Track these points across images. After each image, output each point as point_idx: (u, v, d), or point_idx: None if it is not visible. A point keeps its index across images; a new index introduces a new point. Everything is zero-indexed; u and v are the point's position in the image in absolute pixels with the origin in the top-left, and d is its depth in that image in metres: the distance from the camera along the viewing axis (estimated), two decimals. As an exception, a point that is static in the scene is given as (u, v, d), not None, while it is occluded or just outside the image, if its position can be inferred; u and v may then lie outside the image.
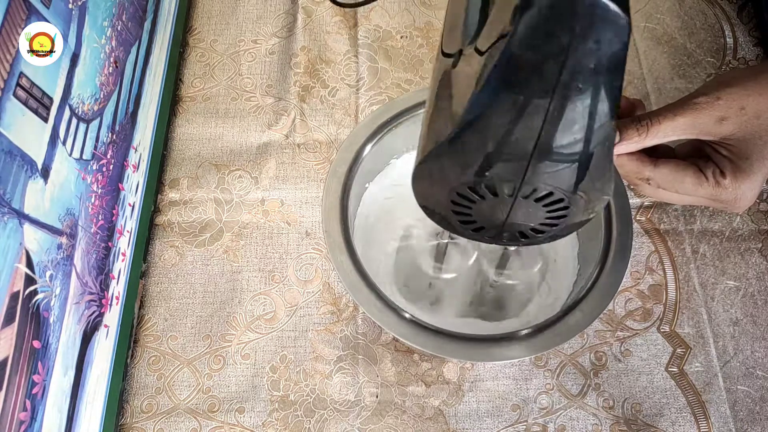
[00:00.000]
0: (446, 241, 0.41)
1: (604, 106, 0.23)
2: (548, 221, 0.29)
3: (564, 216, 0.29)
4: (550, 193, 0.27)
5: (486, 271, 0.45)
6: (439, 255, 0.42)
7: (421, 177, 0.29)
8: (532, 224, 0.30)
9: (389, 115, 0.43)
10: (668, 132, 0.36)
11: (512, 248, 0.41)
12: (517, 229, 0.30)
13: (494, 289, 0.45)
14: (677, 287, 0.48)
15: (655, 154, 0.38)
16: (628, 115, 0.39)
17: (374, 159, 0.44)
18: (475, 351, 0.37)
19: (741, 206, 0.38)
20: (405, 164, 0.48)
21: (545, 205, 0.28)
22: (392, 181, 0.47)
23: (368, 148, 0.43)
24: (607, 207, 0.41)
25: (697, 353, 0.46)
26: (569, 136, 0.24)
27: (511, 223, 0.30)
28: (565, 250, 0.46)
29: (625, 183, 0.41)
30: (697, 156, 0.39)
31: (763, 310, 0.47)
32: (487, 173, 0.26)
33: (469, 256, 0.44)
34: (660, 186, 0.38)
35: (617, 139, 0.36)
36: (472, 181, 0.27)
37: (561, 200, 0.27)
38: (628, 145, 0.36)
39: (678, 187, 0.37)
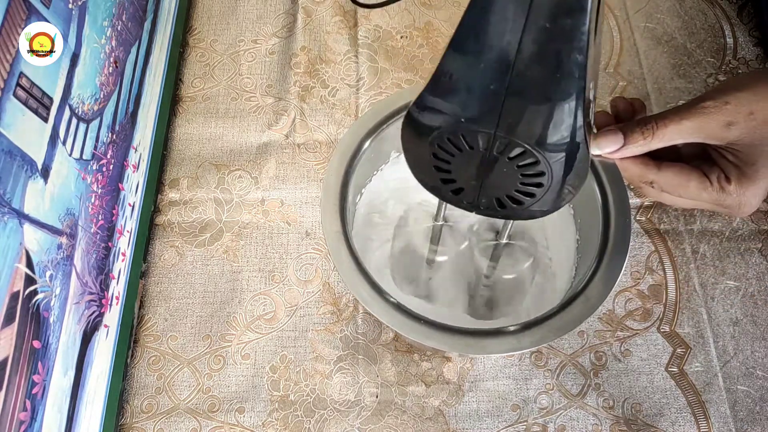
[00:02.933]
0: (441, 223, 0.42)
1: (571, 54, 0.24)
2: (524, 188, 0.30)
3: (540, 185, 0.29)
4: (524, 152, 0.28)
5: (478, 262, 0.46)
6: (434, 237, 0.43)
7: (407, 126, 0.30)
8: (509, 190, 0.30)
9: (389, 111, 0.44)
10: (674, 136, 0.35)
11: (503, 241, 0.42)
12: (494, 194, 0.31)
13: (487, 286, 0.46)
14: (677, 287, 0.48)
15: (659, 155, 0.38)
16: (629, 117, 0.39)
17: (374, 153, 0.45)
18: (471, 344, 0.37)
19: (744, 212, 0.37)
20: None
21: (519, 167, 0.29)
22: (392, 176, 0.48)
23: (367, 143, 0.43)
24: (605, 203, 0.41)
25: (697, 353, 0.46)
26: (537, 86, 0.25)
27: (489, 185, 0.31)
28: (559, 253, 0.46)
29: (626, 182, 0.41)
30: (702, 158, 0.38)
31: (763, 310, 0.47)
32: (462, 119, 0.27)
33: (463, 239, 0.45)
34: (663, 190, 0.37)
35: (621, 142, 0.36)
36: (449, 129, 0.28)
37: (536, 163, 0.28)
38: (634, 148, 0.36)
39: (682, 192, 0.37)
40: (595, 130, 0.38)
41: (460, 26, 0.25)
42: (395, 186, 0.48)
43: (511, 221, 0.41)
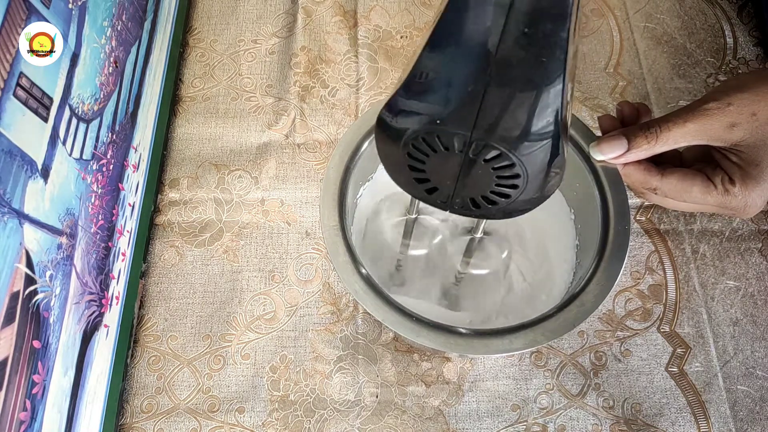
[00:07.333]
0: (414, 216, 0.41)
1: (550, 57, 0.24)
2: (499, 189, 0.29)
3: (515, 186, 0.29)
4: (500, 155, 0.27)
5: (452, 257, 0.45)
6: (407, 231, 0.43)
7: (381, 126, 0.29)
8: (484, 191, 0.30)
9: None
10: (678, 138, 0.35)
11: (478, 236, 0.41)
12: (469, 194, 0.31)
13: (460, 282, 0.46)
14: (677, 287, 0.48)
15: (661, 159, 0.37)
16: (634, 122, 0.38)
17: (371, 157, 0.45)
18: (470, 345, 0.37)
19: (750, 213, 0.37)
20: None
21: (495, 169, 0.28)
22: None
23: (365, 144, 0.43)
24: (605, 202, 0.41)
25: (697, 353, 0.46)
26: (515, 88, 0.25)
27: (463, 186, 0.30)
28: (558, 255, 0.46)
29: (627, 187, 0.40)
30: (704, 161, 0.38)
31: (763, 310, 0.47)
32: (438, 121, 0.27)
33: (436, 233, 0.44)
34: (667, 195, 0.37)
35: (625, 147, 0.36)
36: (424, 129, 0.27)
37: (512, 165, 0.27)
38: (638, 152, 0.35)
39: (686, 197, 0.37)
40: (600, 133, 0.38)
41: (437, 26, 0.24)
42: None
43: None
